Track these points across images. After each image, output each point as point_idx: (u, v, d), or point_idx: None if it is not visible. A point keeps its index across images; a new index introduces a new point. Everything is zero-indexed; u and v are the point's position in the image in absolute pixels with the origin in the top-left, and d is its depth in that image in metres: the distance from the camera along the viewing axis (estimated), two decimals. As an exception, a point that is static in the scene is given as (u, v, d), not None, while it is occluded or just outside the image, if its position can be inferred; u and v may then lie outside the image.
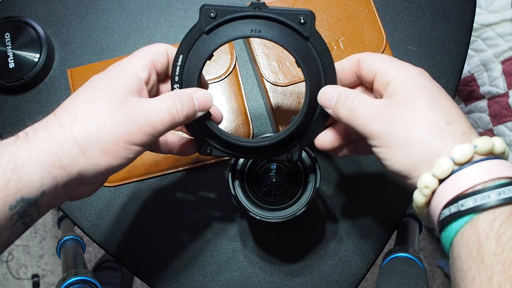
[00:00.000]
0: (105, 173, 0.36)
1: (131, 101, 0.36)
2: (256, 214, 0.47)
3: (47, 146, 0.32)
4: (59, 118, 0.34)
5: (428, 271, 0.55)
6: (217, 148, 0.43)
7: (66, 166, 0.33)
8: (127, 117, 0.35)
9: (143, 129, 0.35)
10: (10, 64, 0.61)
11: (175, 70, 0.40)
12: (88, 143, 0.33)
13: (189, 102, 0.38)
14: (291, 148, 0.43)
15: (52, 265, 1.34)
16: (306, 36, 0.39)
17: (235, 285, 0.57)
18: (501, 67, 0.98)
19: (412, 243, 0.54)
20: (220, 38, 0.40)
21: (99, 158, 0.34)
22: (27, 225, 0.33)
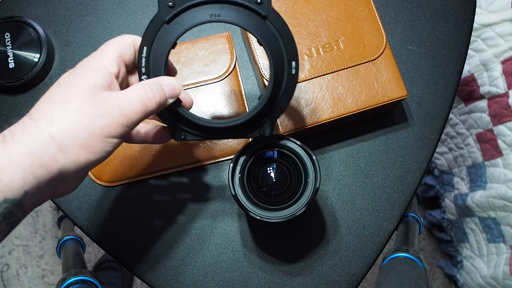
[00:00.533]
0: (85, 168, 0.36)
1: (103, 96, 0.36)
2: (256, 214, 0.47)
3: (25, 147, 0.33)
4: (35, 120, 0.35)
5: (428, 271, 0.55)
6: (191, 132, 0.45)
7: (46, 165, 0.34)
8: (101, 111, 0.36)
9: (117, 121, 0.36)
10: (10, 64, 0.61)
11: (141, 61, 0.41)
12: (66, 141, 0.34)
13: (159, 90, 0.39)
14: (262, 125, 0.45)
15: (52, 265, 1.34)
16: (264, 15, 0.41)
17: (235, 285, 0.57)
18: (501, 67, 0.98)
19: (412, 243, 0.54)
20: (182, 26, 0.41)
21: (78, 154, 0.35)
22: (12, 225, 0.34)
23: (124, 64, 0.40)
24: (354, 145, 0.61)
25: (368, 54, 0.56)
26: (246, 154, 0.48)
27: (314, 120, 0.55)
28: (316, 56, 0.56)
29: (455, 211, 1.19)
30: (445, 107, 0.62)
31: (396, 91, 0.56)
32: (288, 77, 0.44)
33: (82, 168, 0.36)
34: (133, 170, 0.58)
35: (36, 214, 1.35)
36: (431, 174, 1.30)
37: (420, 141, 0.61)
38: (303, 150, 0.48)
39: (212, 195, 0.59)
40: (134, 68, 0.43)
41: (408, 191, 0.59)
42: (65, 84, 0.37)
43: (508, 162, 1.00)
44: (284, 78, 0.43)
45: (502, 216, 1.03)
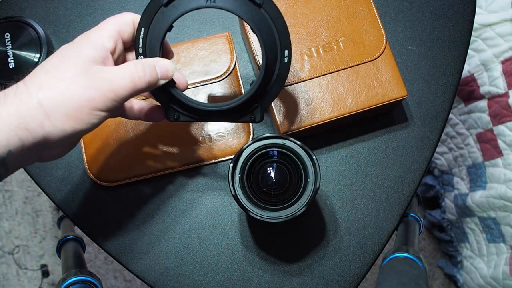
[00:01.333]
0: (70, 137, 0.37)
1: (95, 69, 0.38)
2: (256, 214, 0.47)
3: (15, 110, 0.34)
4: (27, 85, 0.36)
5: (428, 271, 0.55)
6: (184, 114, 0.46)
7: (32, 130, 0.35)
8: (90, 83, 0.37)
9: (106, 95, 0.37)
10: (10, 64, 0.61)
11: (138, 42, 0.43)
12: (53, 108, 0.35)
13: (151, 70, 0.40)
14: (253, 110, 0.46)
15: (52, 265, 1.34)
16: (259, 3, 0.42)
17: (235, 285, 0.57)
18: (501, 67, 0.98)
19: (412, 243, 0.54)
20: (178, 9, 0.42)
21: (64, 122, 0.36)
22: None
23: (121, 41, 0.41)
24: (354, 145, 0.61)
25: (368, 54, 0.56)
26: (246, 154, 0.48)
27: (314, 120, 0.55)
28: (316, 56, 0.56)
29: (455, 211, 1.19)
30: (445, 107, 0.62)
31: (396, 91, 0.56)
32: (280, 65, 0.45)
33: (67, 136, 0.37)
34: (133, 170, 0.58)
35: (36, 214, 1.36)
36: (431, 174, 1.30)
37: (420, 141, 0.61)
38: (303, 150, 0.48)
39: (212, 195, 0.59)
40: (132, 46, 0.44)
41: (408, 191, 0.59)
42: (61, 54, 0.38)
43: (508, 162, 1.00)
44: (276, 66, 0.45)
45: (502, 216, 1.03)
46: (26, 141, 0.35)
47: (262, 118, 0.47)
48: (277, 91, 0.46)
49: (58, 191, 0.59)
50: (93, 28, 0.41)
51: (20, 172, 1.36)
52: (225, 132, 0.60)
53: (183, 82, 0.46)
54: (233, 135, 0.60)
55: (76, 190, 0.59)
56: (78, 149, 0.60)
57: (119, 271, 1.34)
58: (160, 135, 0.59)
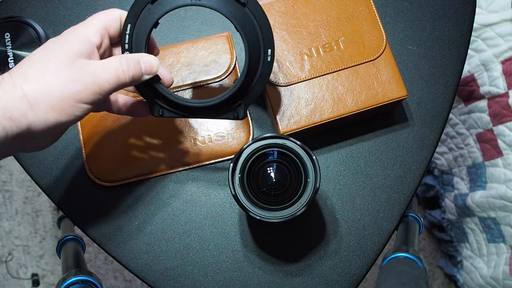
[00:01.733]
0: (54, 128, 0.38)
1: (80, 62, 0.38)
2: (256, 214, 0.47)
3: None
4: (12, 77, 0.37)
5: (428, 271, 0.55)
6: (168, 109, 0.47)
7: (16, 120, 0.36)
8: (75, 76, 0.37)
9: (90, 87, 0.38)
10: (10, 64, 0.61)
11: (125, 38, 0.44)
12: (37, 99, 0.36)
13: (135, 64, 0.41)
14: (236, 107, 0.48)
15: (52, 265, 1.34)
16: (243, 2, 0.43)
17: (235, 285, 0.57)
18: (501, 67, 0.98)
19: (412, 243, 0.54)
20: (164, 7, 0.43)
21: (47, 114, 0.37)
22: None
23: (108, 36, 0.42)
24: (354, 145, 0.61)
25: (368, 54, 0.56)
26: (246, 154, 0.48)
27: (314, 120, 0.55)
28: (316, 56, 0.56)
29: (455, 211, 1.19)
30: (445, 107, 0.62)
31: (396, 91, 0.56)
32: (263, 63, 0.46)
33: (50, 127, 0.37)
34: (133, 170, 0.58)
35: (36, 214, 1.36)
36: (431, 174, 1.30)
37: (420, 141, 0.61)
38: (303, 150, 0.48)
39: (212, 195, 0.59)
40: (119, 42, 0.45)
41: (408, 191, 0.59)
42: (47, 48, 0.39)
43: (508, 162, 1.00)
44: (259, 64, 0.46)
45: (502, 216, 1.03)
46: (9, 130, 0.36)
47: (245, 115, 0.49)
48: (260, 89, 0.47)
49: (58, 191, 0.59)
50: (81, 22, 0.41)
51: (20, 172, 1.36)
52: (225, 132, 0.60)
53: (168, 79, 0.47)
54: (233, 135, 0.60)
55: (76, 190, 0.59)
56: (78, 149, 0.60)
57: (119, 271, 1.34)
58: (160, 136, 0.59)
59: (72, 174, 0.60)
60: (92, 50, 0.40)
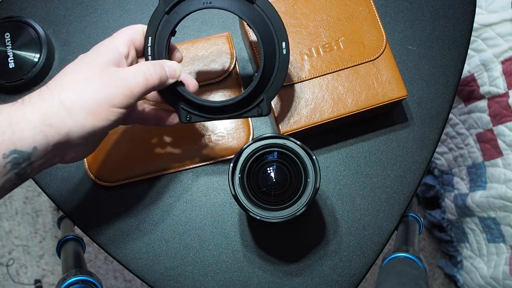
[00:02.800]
0: (91, 134, 0.40)
1: (111, 70, 0.41)
2: (256, 214, 0.47)
3: (39, 109, 0.38)
4: (49, 88, 0.39)
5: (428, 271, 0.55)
6: (194, 114, 0.49)
7: (55, 126, 0.38)
8: (107, 82, 0.40)
9: (122, 92, 0.40)
10: (10, 64, 0.61)
11: (147, 50, 0.46)
12: (74, 106, 0.38)
13: (161, 68, 0.44)
14: (259, 104, 0.48)
15: (52, 265, 1.34)
16: (251, 0, 0.46)
17: (235, 285, 0.57)
18: (501, 67, 0.98)
19: (412, 243, 0.54)
20: (179, 15, 0.46)
21: (84, 119, 0.39)
22: (20, 177, 0.38)
23: (134, 48, 0.45)
24: (354, 145, 0.61)
25: (368, 54, 0.56)
26: (246, 154, 0.48)
27: (314, 120, 0.55)
28: (316, 56, 0.56)
29: (455, 211, 1.19)
30: (445, 107, 0.62)
31: (396, 91, 0.56)
32: (280, 57, 0.47)
33: (87, 133, 0.40)
34: (133, 170, 0.58)
35: (36, 214, 1.36)
36: (431, 174, 1.30)
37: (420, 141, 0.61)
38: (303, 150, 0.48)
39: (212, 195, 0.59)
40: None
41: (408, 191, 0.59)
42: (79, 60, 0.42)
43: (508, 162, 1.00)
44: (276, 58, 0.47)
45: (502, 216, 1.03)
46: (50, 137, 0.38)
47: (269, 111, 0.49)
48: (279, 82, 0.48)
49: (58, 191, 0.59)
50: (108, 38, 0.44)
51: (20, 172, 1.35)
52: (225, 132, 0.60)
53: (193, 84, 0.50)
54: (233, 135, 0.60)
55: (76, 190, 0.59)
56: (78, 149, 0.60)
57: (119, 271, 1.34)
58: (160, 136, 0.59)
59: (72, 174, 0.60)
60: (120, 59, 0.42)
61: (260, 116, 0.49)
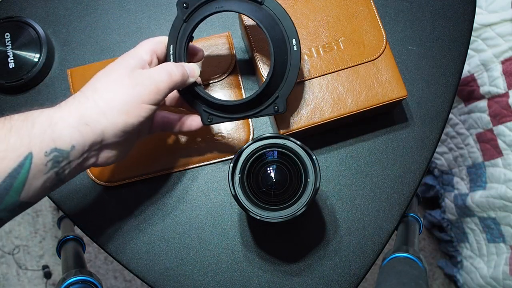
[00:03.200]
0: (124, 131, 0.43)
1: (137, 71, 0.44)
2: (256, 214, 0.47)
3: (75, 110, 0.41)
4: (83, 92, 0.43)
5: (428, 271, 0.55)
6: (215, 115, 0.51)
7: (91, 125, 0.41)
8: (135, 81, 0.43)
9: (149, 89, 0.43)
10: (10, 64, 0.61)
11: (170, 58, 0.49)
12: (107, 106, 0.42)
13: (182, 67, 0.47)
14: (275, 101, 0.50)
15: (52, 265, 1.34)
16: (259, 1, 0.48)
17: (235, 285, 0.57)
18: (501, 67, 0.98)
19: (412, 243, 0.54)
20: (194, 21, 0.49)
21: (117, 117, 0.42)
22: (59, 176, 0.41)
23: (156, 56, 0.48)
24: (354, 145, 0.61)
25: (368, 54, 0.56)
26: (246, 154, 0.48)
27: (314, 120, 0.55)
28: (316, 56, 0.56)
29: (455, 211, 1.19)
30: (445, 107, 0.62)
31: (396, 91, 0.56)
32: (291, 54, 0.49)
33: (120, 130, 0.42)
34: (133, 170, 0.58)
35: (36, 214, 1.36)
36: (431, 174, 1.30)
37: (420, 141, 0.61)
38: (303, 150, 0.48)
39: (212, 195, 0.59)
40: None
41: (408, 191, 0.59)
42: (108, 67, 0.45)
43: (508, 162, 1.00)
44: (288, 55, 0.49)
45: (502, 216, 1.03)
46: (86, 136, 0.41)
47: (285, 108, 0.50)
48: (293, 78, 0.49)
49: (58, 191, 0.59)
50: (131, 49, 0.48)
51: (20, 172, 1.35)
52: (225, 132, 0.60)
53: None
54: (233, 135, 0.60)
55: (76, 190, 0.59)
56: (78, 149, 0.60)
57: (119, 271, 1.34)
58: (160, 136, 0.59)
59: (72, 174, 0.60)
60: (144, 65, 0.46)
61: (277, 113, 0.50)
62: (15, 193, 0.38)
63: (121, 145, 0.45)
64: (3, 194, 0.38)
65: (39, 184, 0.39)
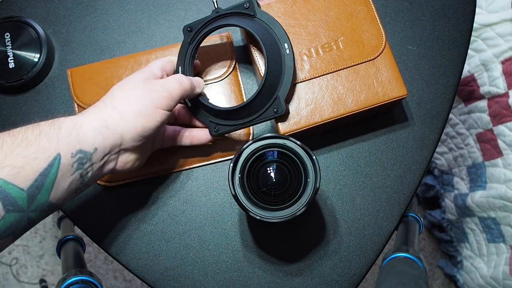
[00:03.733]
0: (141, 135, 0.47)
1: (150, 81, 0.49)
2: (256, 214, 0.47)
3: (97, 114, 0.45)
4: (103, 100, 0.47)
5: (428, 271, 0.55)
6: (220, 124, 0.55)
7: (112, 128, 0.45)
8: (149, 88, 0.48)
9: (163, 95, 0.48)
10: (10, 64, 0.61)
11: None
12: (125, 110, 0.46)
13: (189, 79, 0.52)
14: (274, 102, 0.52)
15: (52, 265, 1.34)
16: (252, 15, 0.53)
17: (235, 285, 0.57)
18: (501, 67, 0.98)
19: (412, 243, 0.54)
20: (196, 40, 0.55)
21: (135, 120, 0.46)
22: (83, 179, 0.44)
23: (166, 73, 0.52)
24: (354, 145, 0.61)
25: (368, 54, 0.56)
26: (246, 154, 0.48)
27: (314, 120, 0.55)
28: (316, 56, 0.56)
29: (455, 211, 1.19)
30: (445, 107, 0.62)
31: (396, 90, 0.56)
32: (284, 57, 0.52)
33: (138, 134, 0.46)
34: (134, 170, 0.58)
35: (36, 214, 1.35)
36: (431, 174, 1.30)
37: (420, 141, 0.61)
38: (303, 150, 0.48)
39: (212, 195, 0.59)
40: None
41: (408, 191, 0.59)
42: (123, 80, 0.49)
43: (508, 162, 1.00)
44: (282, 58, 0.52)
45: (502, 216, 1.03)
46: (107, 139, 0.44)
47: (284, 109, 0.52)
48: (289, 79, 0.52)
49: (58, 191, 0.59)
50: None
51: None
52: (225, 132, 0.60)
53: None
54: (233, 135, 0.60)
55: (76, 190, 0.59)
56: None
57: (119, 271, 1.34)
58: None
59: (72, 174, 0.60)
60: (156, 78, 0.50)
61: (277, 115, 0.52)
62: (46, 192, 0.41)
63: (138, 150, 0.49)
64: (35, 193, 0.40)
65: (66, 185, 0.42)
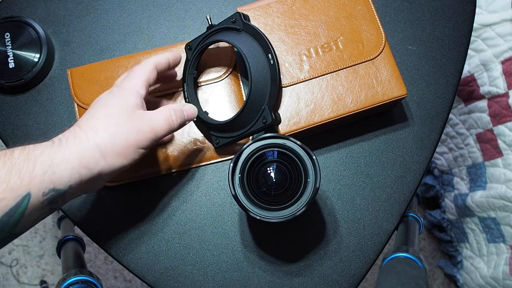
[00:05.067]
0: (118, 171, 0.45)
1: (138, 114, 0.46)
2: (256, 214, 0.47)
3: (76, 151, 0.42)
4: (84, 130, 0.44)
5: (428, 271, 0.55)
6: (221, 137, 0.56)
7: (90, 167, 0.42)
8: (135, 127, 0.45)
9: (148, 136, 0.46)
10: (10, 64, 0.61)
11: (184, 94, 0.58)
12: (107, 149, 0.43)
13: (181, 114, 0.50)
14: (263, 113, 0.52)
15: (52, 265, 1.34)
16: (238, 29, 0.54)
17: (235, 285, 0.57)
18: (501, 67, 0.98)
19: (412, 243, 0.54)
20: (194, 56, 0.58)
21: (115, 159, 0.44)
22: (52, 210, 0.42)
23: (149, 85, 0.50)
24: (354, 145, 0.61)
25: (367, 53, 0.56)
26: (246, 154, 0.48)
27: (314, 120, 0.55)
28: (315, 57, 0.56)
29: (455, 211, 1.19)
30: (445, 107, 0.62)
31: (396, 90, 0.56)
32: (270, 67, 0.52)
33: (115, 171, 0.45)
34: (133, 170, 0.58)
35: (36, 214, 1.35)
36: (431, 174, 1.30)
37: (420, 141, 0.61)
38: (303, 150, 0.48)
39: (212, 195, 0.59)
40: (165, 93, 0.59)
41: (408, 191, 0.59)
42: (106, 103, 0.46)
43: (508, 162, 1.00)
44: (267, 69, 0.52)
45: (502, 216, 1.03)
46: (84, 177, 0.42)
47: (273, 119, 0.52)
48: (275, 89, 0.52)
49: (58, 191, 0.59)
50: (124, 78, 0.50)
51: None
52: (225, 132, 0.60)
53: None
54: (233, 135, 0.60)
55: (76, 190, 0.59)
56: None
57: (119, 271, 1.34)
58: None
59: (72, 174, 0.60)
60: (142, 102, 0.48)
61: (266, 125, 0.52)
62: (10, 229, 0.39)
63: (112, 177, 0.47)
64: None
65: (33, 218, 0.41)
